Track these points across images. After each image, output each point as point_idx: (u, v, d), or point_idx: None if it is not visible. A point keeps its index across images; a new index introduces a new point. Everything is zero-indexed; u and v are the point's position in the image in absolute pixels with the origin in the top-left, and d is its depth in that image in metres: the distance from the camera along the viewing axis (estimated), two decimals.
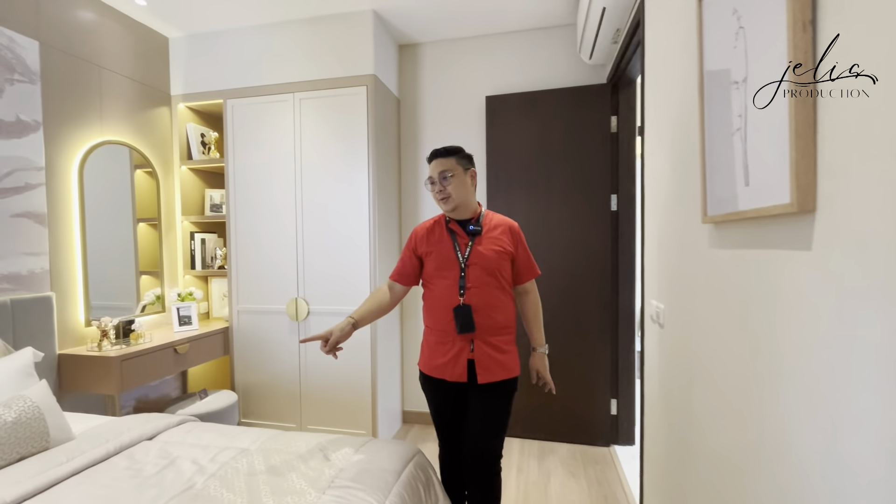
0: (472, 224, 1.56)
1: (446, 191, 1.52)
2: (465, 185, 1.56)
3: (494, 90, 2.82)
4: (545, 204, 2.69)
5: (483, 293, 1.51)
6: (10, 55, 1.97)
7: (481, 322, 1.50)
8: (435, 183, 1.54)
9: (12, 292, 1.96)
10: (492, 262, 1.52)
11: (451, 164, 1.54)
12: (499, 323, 1.52)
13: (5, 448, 1.40)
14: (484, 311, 1.50)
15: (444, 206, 1.56)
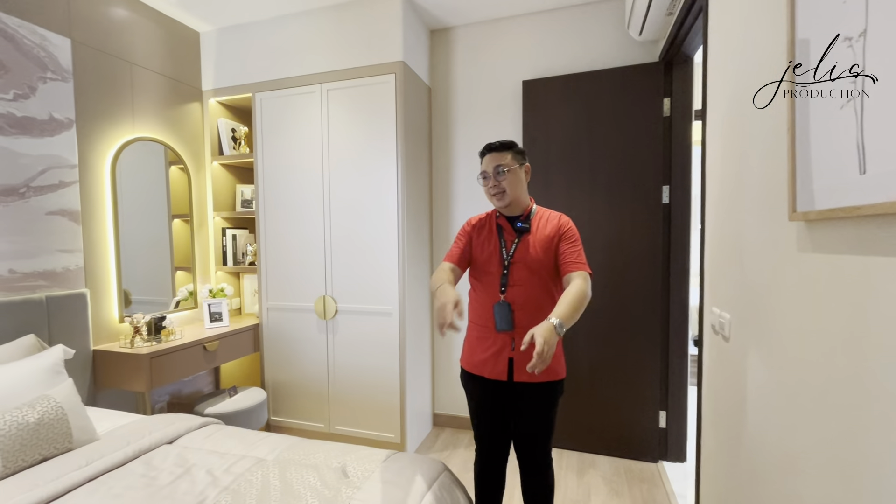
0: (520, 221, 1.52)
1: (500, 186, 1.48)
2: (520, 181, 1.51)
3: (532, 74, 2.61)
4: (588, 196, 2.46)
5: (526, 291, 1.46)
6: (42, 53, 1.98)
7: (523, 321, 1.44)
8: (489, 178, 1.50)
9: (48, 289, 1.98)
10: (537, 261, 1.47)
11: (506, 159, 1.49)
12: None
13: (28, 449, 1.39)
14: (526, 310, 1.45)
15: (497, 202, 1.51)
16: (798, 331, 0.89)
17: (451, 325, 1.26)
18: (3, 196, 1.83)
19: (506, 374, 1.47)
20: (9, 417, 1.38)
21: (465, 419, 2.86)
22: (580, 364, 2.52)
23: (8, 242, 1.85)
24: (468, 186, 2.79)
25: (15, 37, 1.88)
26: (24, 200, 1.91)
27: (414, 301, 2.56)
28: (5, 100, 1.85)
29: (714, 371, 1.48)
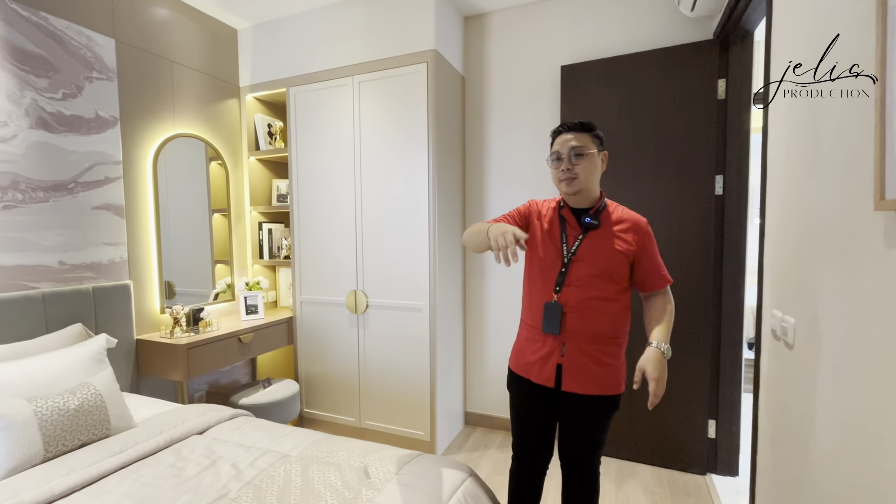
0: (588, 216, 1.36)
1: (573, 171, 1.31)
2: (596, 169, 1.35)
3: (571, 59, 2.46)
4: (631, 188, 2.30)
5: (584, 294, 1.31)
6: (88, 54, 2.05)
7: (575, 326, 1.32)
8: (562, 159, 1.33)
9: (94, 280, 2.07)
10: (603, 261, 1.31)
11: (585, 141, 1.33)
12: (599, 331, 1.32)
13: (68, 434, 1.44)
14: (580, 314, 1.31)
15: (566, 188, 1.34)
16: (885, 341, 0.74)
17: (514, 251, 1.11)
18: (53, 191, 1.92)
19: (553, 381, 1.35)
20: (51, 403, 1.44)
21: (497, 419, 2.78)
22: None
23: (58, 235, 1.94)
24: (502, 179, 2.69)
25: (63, 38, 1.96)
26: (73, 196, 1.99)
27: (445, 297, 2.49)
28: (55, 99, 1.93)
29: (774, 380, 1.32)
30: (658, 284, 1.37)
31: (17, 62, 1.81)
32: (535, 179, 2.60)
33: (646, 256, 1.35)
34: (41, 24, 1.89)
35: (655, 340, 1.29)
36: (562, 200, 1.41)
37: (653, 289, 1.38)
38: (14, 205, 1.80)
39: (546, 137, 2.54)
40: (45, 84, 1.90)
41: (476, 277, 2.80)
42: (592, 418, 1.36)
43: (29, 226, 1.85)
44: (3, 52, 1.77)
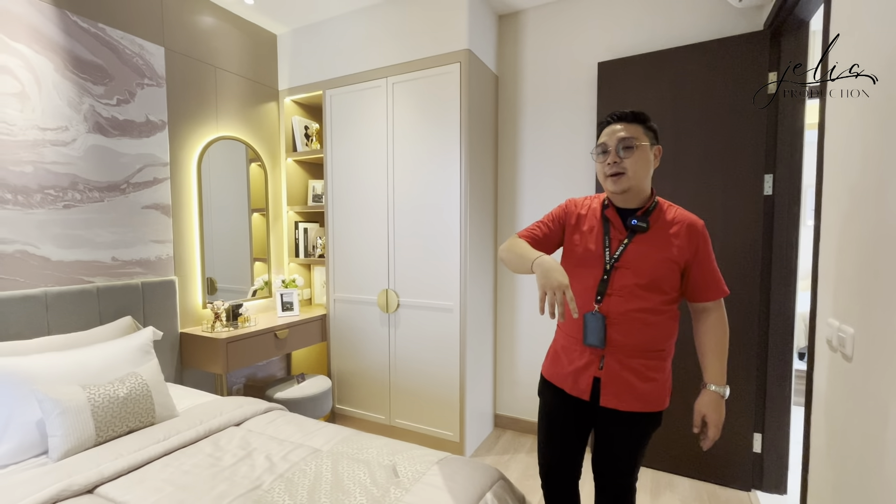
0: (635, 217, 1.22)
1: (622, 165, 1.18)
2: (648, 164, 1.21)
3: (609, 55, 2.39)
4: (672, 188, 2.20)
5: (628, 304, 1.18)
6: (140, 62, 2.17)
7: (617, 338, 1.19)
8: (608, 152, 1.20)
9: (142, 276, 2.19)
10: (650, 270, 1.18)
11: (637, 133, 1.19)
12: (644, 344, 1.19)
13: (117, 421, 1.53)
14: (624, 326, 1.18)
15: (612, 186, 1.21)
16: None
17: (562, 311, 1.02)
18: (107, 192, 2.05)
19: (588, 394, 1.24)
20: (102, 391, 1.53)
21: (527, 423, 2.74)
22: None
23: (111, 233, 2.06)
24: (535, 179, 2.64)
25: (118, 48, 2.08)
26: (124, 195, 2.11)
27: (475, 298, 2.47)
28: (110, 105, 2.05)
29: (830, 394, 1.23)
30: (712, 296, 1.22)
31: (77, 71, 1.93)
32: (570, 178, 2.54)
33: (700, 264, 1.20)
34: (99, 34, 2.01)
35: (714, 384, 1.20)
36: (606, 199, 1.28)
37: (706, 300, 1.22)
38: (73, 204, 1.93)
39: (582, 136, 2.48)
40: (101, 91, 2.02)
41: (507, 278, 2.77)
42: (633, 436, 1.24)
43: (85, 224, 1.97)
44: (65, 61, 1.89)
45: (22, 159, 1.77)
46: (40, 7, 1.82)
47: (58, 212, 1.88)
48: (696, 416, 1.21)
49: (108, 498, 1.23)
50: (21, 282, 1.77)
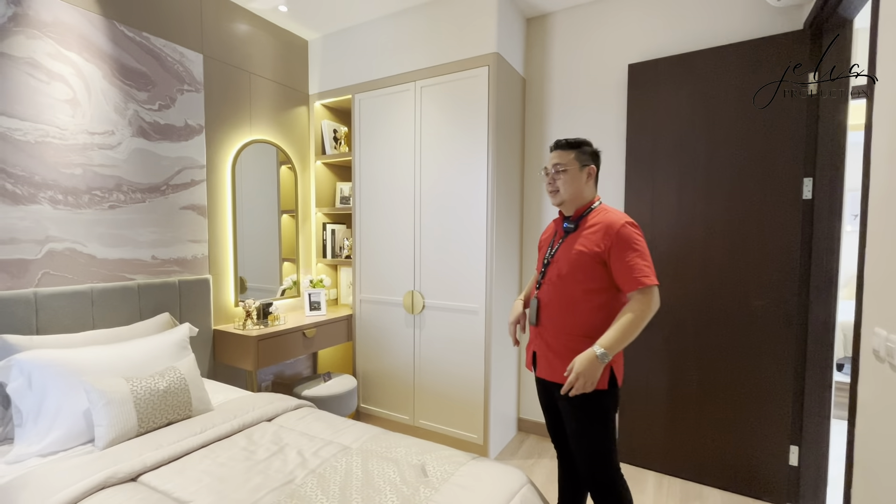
0: (567, 221, 1.51)
1: (555, 185, 1.49)
2: (577, 182, 1.48)
3: (640, 56, 2.36)
4: (703, 192, 2.16)
5: (554, 292, 1.46)
6: (181, 69, 2.26)
7: (545, 321, 1.48)
8: (548, 174, 1.51)
9: (179, 274, 2.27)
10: (568, 263, 1.43)
11: (567, 159, 1.48)
12: (566, 327, 1.43)
13: (157, 413, 1.59)
14: (550, 310, 1.47)
15: (551, 199, 1.53)
16: None
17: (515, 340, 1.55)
18: (148, 193, 2.14)
19: (532, 367, 1.54)
20: (144, 384, 1.60)
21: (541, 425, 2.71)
22: (688, 379, 2.23)
23: (151, 233, 2.15)
24: None
25: (161, 55, 2.18)
26: (164, 197, 2.20)
27: (501, 301, 2.47)
28: (152, 110, 2.14)
29: (876, 407, 1.18)
30: (627, 287, 1.36)
31: (123, 78, 2.03)
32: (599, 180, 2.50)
33: (613, 259, 1.37)
34: (143, 43, 2.10)
35: (599, 344, 1.31)
36: None
37: (624, 290, 1.38)
38: (117, 205, 2.02)
39: (611, 138, 2.46)
40: (144, 97, 2.11)
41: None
42: (577, 411, 1.40)
43: (128, 224, 2.06)
44: (112, 69, 1.99)
45: (72, 162, 1.87)
46: (91, 18, 1.92)
47: (103, 212, 1.97)
48: (570, 364, 1.33)
49: (151, 486, 1.29)
50: (70, 278, 1.87)
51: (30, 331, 1.71)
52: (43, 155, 1.79)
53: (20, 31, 1.72)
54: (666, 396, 2.29)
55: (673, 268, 2.24)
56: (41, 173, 1.78)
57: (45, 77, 1.79)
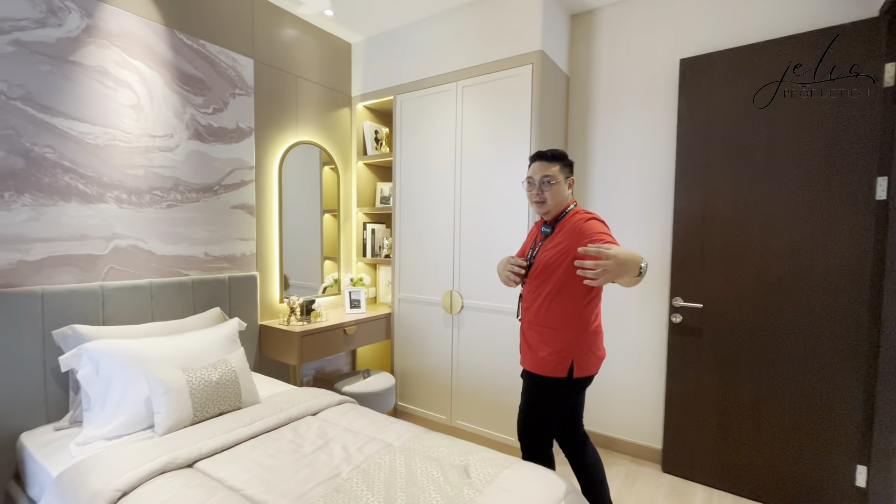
0: (546, 226, 1.65)
1: (542, 196, 1.59)
2: (562, 193, 1.60)
3: (692, 50, 2.26)
4: (763, 191, 2.04)
5: (533, 290, 1.61)
6: (233, 73, 2.36)
7: (526, 314, 1.65)
8: (534, 185, 1.60)
9: (229, 270, 2.37)
10: (544, 261, 1.57)
11: (554, 171, 1.58)
12: (539, 319, 1.59)
13: (210, 403, 1.66)
14: (527, 304, 1.64)
15: (537, 209, 1.63)
16: None
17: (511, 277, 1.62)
18: (202, 193, 2.24)
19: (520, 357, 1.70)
20: (198, 375, 1.67)
21: (591, 433, 2.64)
22: (742, 388, 2.12)
23: (204, 231, 2.25)
24: (607, 180, 2.55)
25: (215, 61, 2.28)
26: (216, 196, 2.30)
27: None
28: (207, 114, 2.25)
29: None
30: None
31: (181, 84, 2.13)
32: (646, 178, 2.43)
33: (582, 245, 1.39)
34: (200, 50, 2.21)
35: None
36: None
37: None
38: (175, 204, 2.13)
39: (660, 136, 2.37)
40: (200, 101, 2.21)
41: None
42: (527, 388, 1.65)
43: (184, 222, 2.17)
44: (172, 75, 2.10)
45: (136, 164, 1.99)
46: (154, 27, 2.03)
47: (162, 211, 2.08)
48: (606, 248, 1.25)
49: (206, 473, 1.34)
50: (132, 273, 1.98)
51: (97, 321, 1.82)
52: (110, 157, 1.91)
53: (91, 42, 1.84)
54: (717, 406, 2.18)
55: (725, 271, 2.13)
56: (108, 174, 1.90)
57: (112, 84, 1.90)
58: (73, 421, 1.67)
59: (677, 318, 2.26)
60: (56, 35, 1.75)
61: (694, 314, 2.23)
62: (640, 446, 2.49)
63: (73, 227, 1.80)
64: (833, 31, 1.86)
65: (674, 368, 2.30)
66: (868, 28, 1.80)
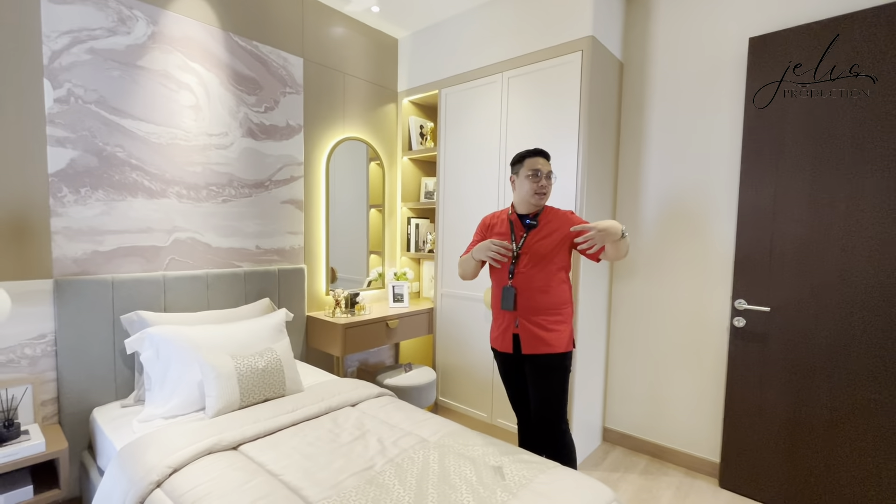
0: (529, 218, 1.75)
1: (546, 188, 1.70)
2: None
3: (764, 28, 2.05)
4: (846, 185, 1.82)
5: (528, 278, 1.68)
6: (284, 73, 2.44)
7: (523, 303, 1.69)
8: (540, 178, 1.69)
9: (278, 263, 2.47)
10: (542, 253, 1.68)
11: (550, 167, 1.73)
12: (543, 305, 1.68)
13: (255, 390, 1.73)
14: (527, 294, 1.69)
15: (538, 201, 1.71)
16: None
17: (500, 253, 1.67)
18: (254, 188, 2.34)
19: (511, 348, 1.74)
20: (246, 362, 1.75)
21: (640, 441, 2.50)
22: (816, 403, 1.91)
23: (256, 224, 2.35)
24: (663, 171, 2.39)
25: (267, 61, 2.37)
26: (267, 192, 2.40)
27: (586, 301, 2.32)
28: (259, 112, 2.34)
29: None
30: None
31: (236, 84, 2.24)
32: (709, 168, 2.24)
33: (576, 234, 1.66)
34: (253, 51, 2.30)
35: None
36: (511, 209, 1.80)
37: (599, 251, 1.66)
38: (229, 199, 2.24)
39: (721, 123, 2.18)
40: (253, 100, 2.31)
41: (624, 282, 2.55)
42: (549, 374, 1.70)
43: (238, 216, 2.28)
44: (227, 76, 2.21)
45: (194, 161, 2.11)
46: (211, 31, 2.14)
47: (218, 205, 2.20)
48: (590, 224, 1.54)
49: (249, 456, 1.40)
50: (190, 264, 2.11)
51: (159, 308, 1.96)
52: (172, 155, 2.04)
53: (156, 47, 1.97)
54: (785, 418, 1.98)
55: (798, 271, 1.93)
56: (170, 171, 2.03)
57: (174, 86, 2.03)
58: (137, 399, 1.81)
59: (740, 322, 2.07)
60: (125, 42, 1.88)
61: (760, 318, 2.03)
62: (694, 458, 2.32)
63: (139, 221, 1.95)
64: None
65: (735, 376, 2.12)
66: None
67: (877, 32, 1.73)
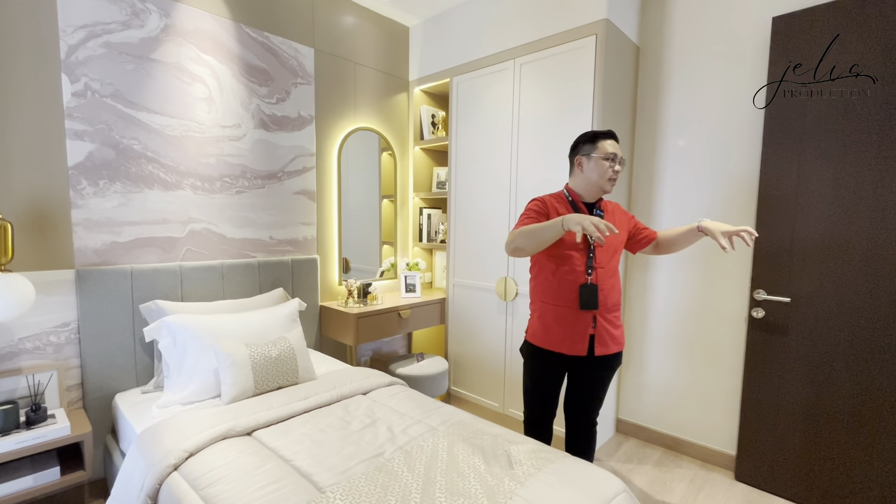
0: (597, 208, 1.64)
1: (618, 173, 1.57)
2: None
3: (786, 6, 1.96)
4: (875, 170, 1.74)
5: (606, 274, 1.59)
6: (295, 63, 2.44)
7: (603, 300, 1.58)
8: (615, 161, 1.56)
9: (292, 253, 2.50)
10: (616, 245, 1.63)
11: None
12: (615, 301, 1.62)
13: (269, 378, 1.77)
14: (606, 291, 1.58)
15: (609, 187, 1.58)
16: None
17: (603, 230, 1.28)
18: (267, 179, 2.36)
19: (586, 350, 1.58)
20: (260, 350, 1.78)
21: (654, 432, 2.47)
22: (838, 395, 1.85)
23: (269, 215, 2.38)
24: (679, 159, 2.32)
25: (278, 52, 2.37)
26: (280, 182, 2.42)
27: None
28: (270, 103, 2.35)
29: None
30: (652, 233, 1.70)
31: (247, 75, 2.25)
32: (727, 156, 2.17)
33: (635, 221, 1.72)
34: (264, 42, 2.31)
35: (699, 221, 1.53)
36: (569, 195, 1.63)
37: (653, 235, 1.69)
38: (242, 190, 2.27)
39: (743, 106, 2.11)
40: (265, 91, 2.32)
41: (639, 272, 2.51)
42: (610, 372, 1.67)
43: (251, 207, 2.31)
44: (239, 68, 2.22)
45: (208, 153, 2.14)
46: (223, 23, 2.15)
47: (231, 196, 2.23)
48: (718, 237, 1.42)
49: (262, 442, 1.43)
50: (206, 254, 2.15)
51: (176, 298, 2.01)
52: (186, 147, 2.07)
53: (169, 40, 1.99)
54: (805, 412, 1.94)
55: (821, 261, 1.86)
56: (185, 163, 2.07)
57: (188, 79, 2.05)
58: (156, 385, 1.87)
59: (758, 313, 2.02)
60: (139, 35, 1.91)
61: (779, 309, 1.97)
62: (709, 450, 2.29)
63: (155, 212, 1.99)
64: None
65: (752, 368, 2.07)
66: None
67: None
